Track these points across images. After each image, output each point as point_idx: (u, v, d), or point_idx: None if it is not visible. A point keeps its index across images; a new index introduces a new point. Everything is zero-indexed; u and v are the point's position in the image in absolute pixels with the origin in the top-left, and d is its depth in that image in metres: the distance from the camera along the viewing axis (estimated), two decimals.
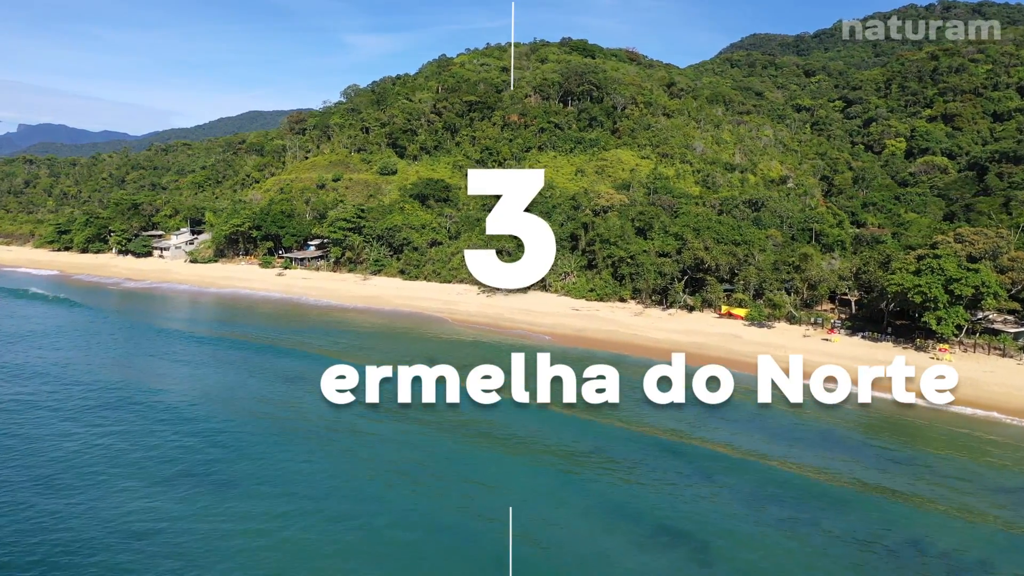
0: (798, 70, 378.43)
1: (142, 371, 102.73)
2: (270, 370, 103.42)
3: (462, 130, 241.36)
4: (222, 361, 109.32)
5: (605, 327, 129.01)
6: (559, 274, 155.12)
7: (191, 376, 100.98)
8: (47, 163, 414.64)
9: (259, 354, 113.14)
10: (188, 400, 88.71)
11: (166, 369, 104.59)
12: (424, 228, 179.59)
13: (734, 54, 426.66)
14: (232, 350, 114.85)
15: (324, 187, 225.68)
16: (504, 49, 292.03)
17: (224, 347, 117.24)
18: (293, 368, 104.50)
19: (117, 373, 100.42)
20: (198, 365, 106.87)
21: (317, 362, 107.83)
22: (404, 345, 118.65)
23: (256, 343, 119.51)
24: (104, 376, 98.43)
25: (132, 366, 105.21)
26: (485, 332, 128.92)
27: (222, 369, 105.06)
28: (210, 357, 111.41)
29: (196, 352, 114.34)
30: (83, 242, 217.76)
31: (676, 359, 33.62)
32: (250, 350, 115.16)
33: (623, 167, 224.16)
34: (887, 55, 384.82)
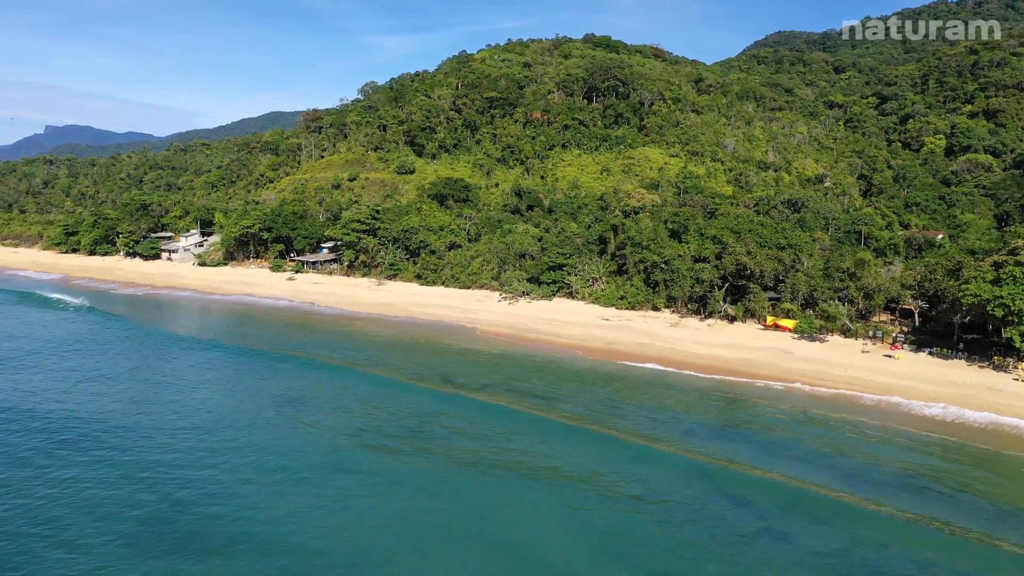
0: (827, 67, 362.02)
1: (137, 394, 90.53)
2: (265, 394, 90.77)
3: (483, 127, 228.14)
4: (215, 384, 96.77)
5: (639, 340, 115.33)
6: (586, 279, 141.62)
7: (179, 407, 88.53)
8: (67, 163, 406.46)
9: (252, 375, 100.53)
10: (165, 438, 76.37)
11: (155, 393, 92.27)
12: (442, 230, 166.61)
13: (760, 51, 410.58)
14: (227, 367, 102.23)
15: (339, 187, 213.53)
16: (526, 45, 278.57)
17: (219, 365, 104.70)
18: (293, 392, 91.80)
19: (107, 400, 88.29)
20: (188, 389, 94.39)
21: (321, 386, 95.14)
22: (419, 360, 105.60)
23: (251, 359, 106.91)
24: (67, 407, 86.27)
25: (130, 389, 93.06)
26: (508, 344, 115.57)
27: (215, 393, 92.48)
28: (202, 377, 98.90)
29: (186, 374, 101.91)
30: (90, 244, 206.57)
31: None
32: (244, 368, 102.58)
33: (651, 166, 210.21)
34: (917, 51, 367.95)
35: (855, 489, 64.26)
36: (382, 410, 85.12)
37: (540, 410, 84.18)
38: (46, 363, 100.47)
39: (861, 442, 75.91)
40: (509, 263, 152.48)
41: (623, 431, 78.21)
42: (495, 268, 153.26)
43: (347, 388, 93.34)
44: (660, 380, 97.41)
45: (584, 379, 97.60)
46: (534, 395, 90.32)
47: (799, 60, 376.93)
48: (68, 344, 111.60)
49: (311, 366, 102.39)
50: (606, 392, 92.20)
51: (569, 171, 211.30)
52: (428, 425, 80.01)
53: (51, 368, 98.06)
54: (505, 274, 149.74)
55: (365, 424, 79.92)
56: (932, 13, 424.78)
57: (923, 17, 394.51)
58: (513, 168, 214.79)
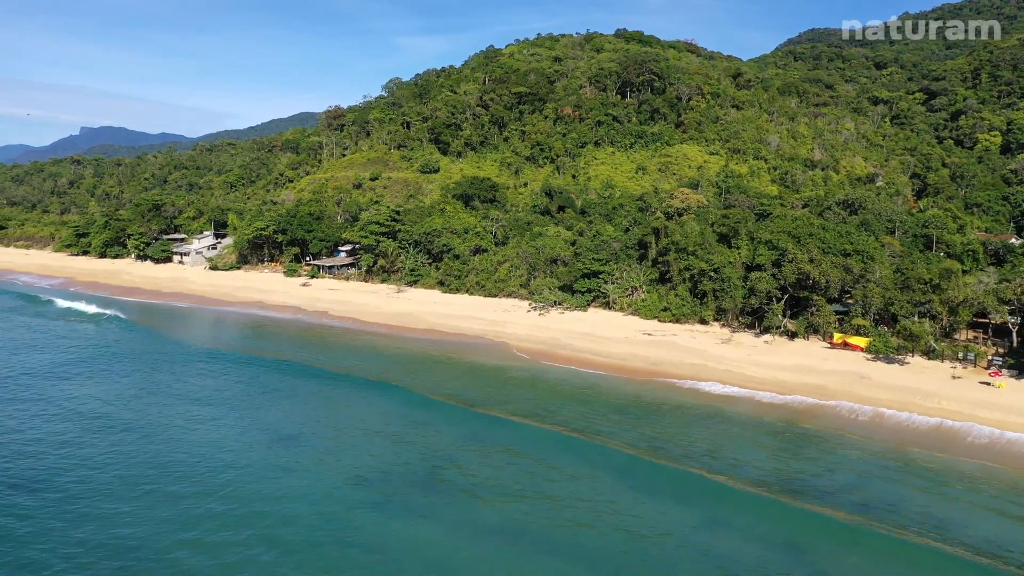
0: (867, 62, 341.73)
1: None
2: (255, 428, 75.97)
3: (510, 124, 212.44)
4: (195, 414, 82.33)
5: (688, 359, 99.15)
6: (624, 288, 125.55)
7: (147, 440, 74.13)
8: (93, 163, 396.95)
9: (244, 401, 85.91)
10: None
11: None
12: (467, 233, 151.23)
13: (796, 47, 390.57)
14: (216, 392, 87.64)
15: (361, 186, 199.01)
16: (556, 39, 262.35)
17: (205, 389, 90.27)
18: (289, 426, 76.98)
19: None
20: (161, 425, 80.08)
21: (320, 417, 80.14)
22: (437, 383, 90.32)
23: (245, 380, 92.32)
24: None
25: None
26: (540, 363, 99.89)
27: (192, 426, 77.95)
28: (182, 409, 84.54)
29: (165, 403, 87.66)
30: (101, 246, 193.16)
31: None
32: (235, 393, 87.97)
33: (689, 164, 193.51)
34: (960, 47, 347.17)
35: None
36: (391, 448, 70.06)
37: (584, 453, 68.77)
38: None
39: (995, 498, 59.52)
40: (539, 269, 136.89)
41: (696, 478, 62.48)
42: (524, 275, 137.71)
43: (352, 419, 78.41)
44: (718, 410, 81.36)
45: (629, 408, 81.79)
46: (573, 428, 74.88)
47: (837, 56, 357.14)
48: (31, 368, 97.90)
49: (313, 394, 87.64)
50: (657, 425, 76.37)
51: (602, 170, 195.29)
52: (446, 471, 64.79)
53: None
54: (535, 281, 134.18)
55: (370, 469, 64.81)
56: (974, 8, 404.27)
57: (962, 16, 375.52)
58: (543, 167, 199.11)
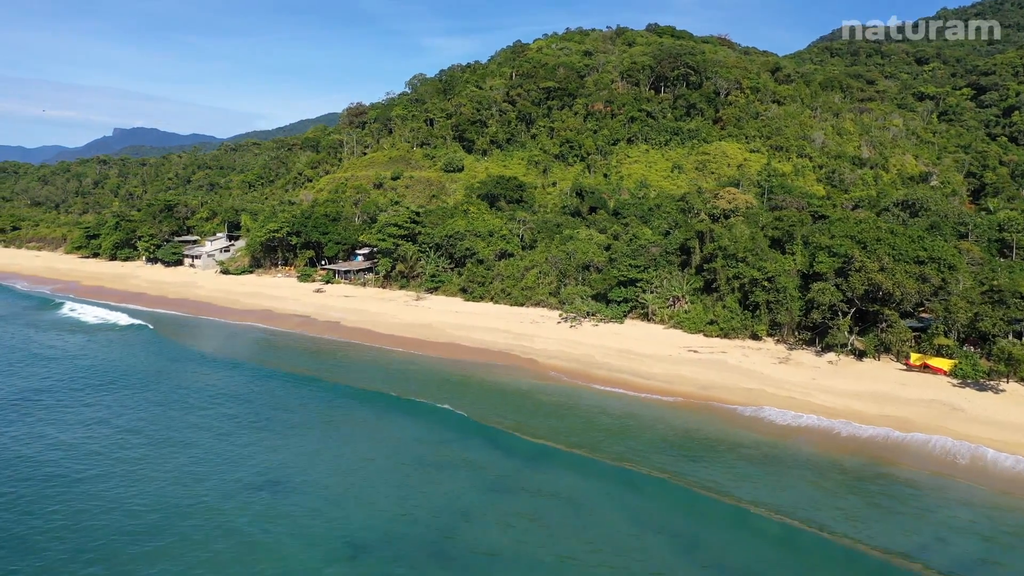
0: (908, 57, 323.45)
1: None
2: (235, 469, 63.10)
3: (539, 120, 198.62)
4: (171, 454, 69.85)
5: (743, 383, 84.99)
6: (665, 298, 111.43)
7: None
8: (119, 163, 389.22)
9: (228, 436, 73.23)
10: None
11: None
12: (492, 236, 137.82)
13: (833, 43, 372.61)
14: (196, 427, 74.94)
15: (382, 186, 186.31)
16: (586, 33, 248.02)
17: (184, 423, 77.78)
18: (275, 467, 64.06)
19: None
20: (128, 470, 67.71)
21: (313, 457, 66.97)
22: (454, 411, 77.11)
23: (230, 414, 79.65)
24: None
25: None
26: (573, 386, 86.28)
27: (164, 469, 65.40)
28: (161, 450, 72.10)
29: (140, 440, 75.36)
30: (111, 248, 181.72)
31: None
32: (223, 424, 75.28)
33: (728, 162, 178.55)
34: (1003, 42, 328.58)
35: None
36: (396, 494, 56.88)
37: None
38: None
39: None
40: (570, 276, 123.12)
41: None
42: (553, 282, 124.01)
43: (353, 452, 65.37)
44: (785, 447, 67.25)
45: (678, 443, 67.94)
46: (614, 475, 61.29)
47: (876, 51, 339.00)
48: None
49: (310, 421, 74.76)
50: (715, 466, 62.61)
51: (635, 168, 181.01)
52: (463, 530, 51.60)
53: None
54: (565, 289, 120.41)
55: (369, 527, 51.76)
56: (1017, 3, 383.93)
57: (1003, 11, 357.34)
58: (572, 165, 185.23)
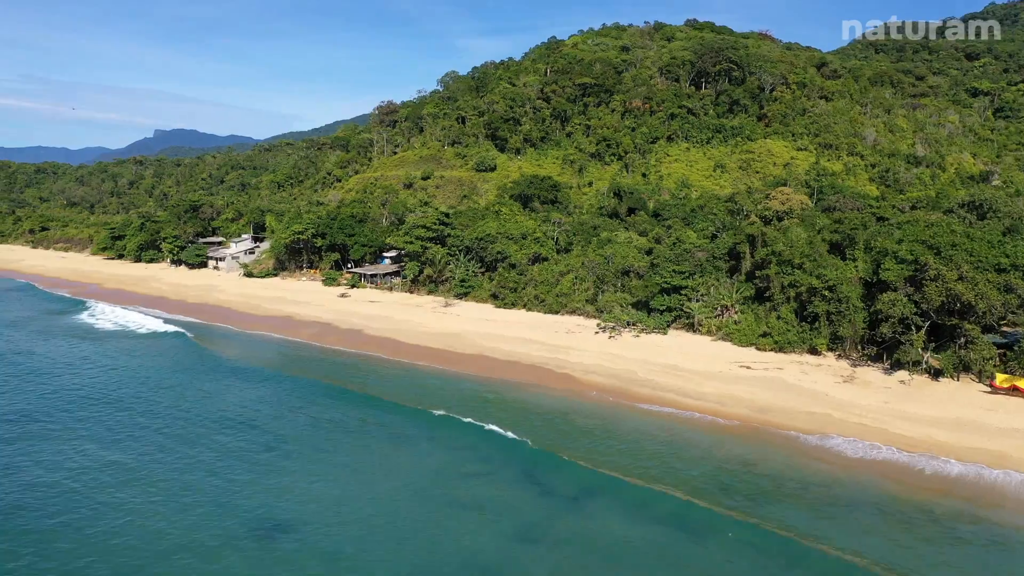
0: (957, 53, 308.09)
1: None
2: (230, 514, 54.74)
3: (574, 118, 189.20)
4: (147, 491, 61.95)
5: (804, 405, 74.94)
6: (712, 307, 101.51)
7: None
8: (155, 163, 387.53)
9: (222, 471, 65.09)
10: None
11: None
12: (525, 238, 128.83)
13: (878, 39, 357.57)
14: (183, 460, 66.93)
15: (412, 186, 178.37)
16: (623, 28, 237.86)
17: (172, 457, 69.86)
18: (276, 511, 55.63)
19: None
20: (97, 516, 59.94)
21: (320, 498, 58.27)
22: (482, 434, 68.25)
23: (229, 446, 71.54)
24: None
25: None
26: (614, 406, 76.92)
27: (138, 515, 57.42)
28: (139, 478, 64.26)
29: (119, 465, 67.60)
30: (135, 249, 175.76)
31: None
32: (217, 460, 67.19)
33: (774, 160, 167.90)
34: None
35: None
36: (413, 543, 47.98)
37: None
38: None
39: None
40: (608, 282, 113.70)
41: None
42: (590, 288, 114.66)
43: (364, 484, 56.70)
44: (864, 489, 57.27)
45: (737, 478, 58.34)
46: (668, 519, 51.93)
47: (923, 47, 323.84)
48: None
49: (314, 456, 66.37)
50: (785, 509, 52.87)
51: (676, 167, 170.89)
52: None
53: None
54: (604, 296, 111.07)
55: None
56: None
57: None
58: (609, 164, 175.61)
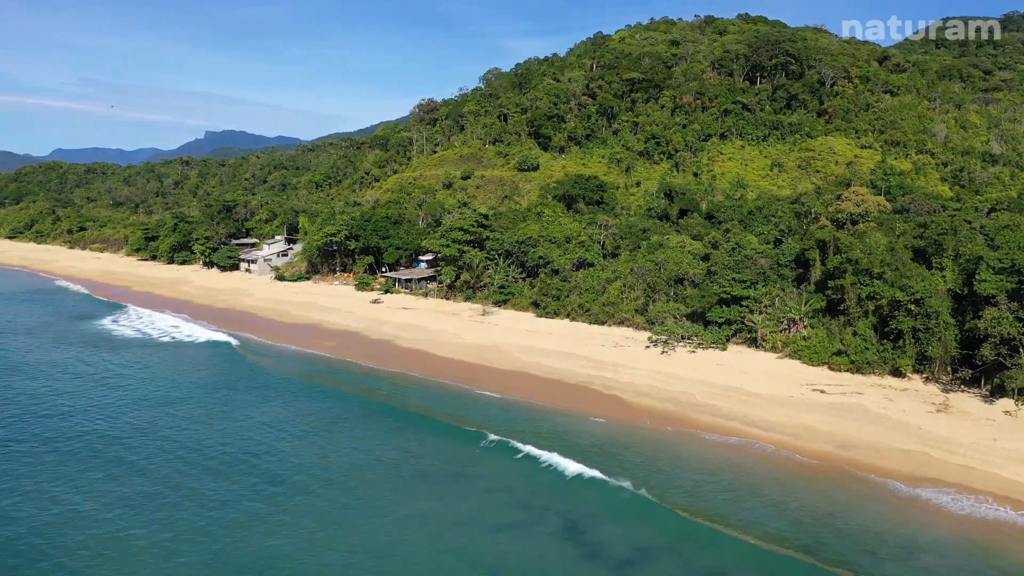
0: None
1: None
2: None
3: (621, 115, 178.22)
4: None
5: (894, 439, 63.51)
6: (778, 321, 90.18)
7: None
8: (200, 164, 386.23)
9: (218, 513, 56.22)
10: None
11: None
12: (569, 242, 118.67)
13: (939, 33, 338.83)
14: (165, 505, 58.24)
15: (451, 186, 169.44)
16: (672, 23, 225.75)
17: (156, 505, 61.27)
18: (263, 558, 46.42)
19: None
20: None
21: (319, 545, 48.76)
22: (517, 470, 58.48)
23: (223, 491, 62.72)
24: None
25: None
26: (671, 437, 66.40)
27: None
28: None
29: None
30: (168, 251, 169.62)
31: None
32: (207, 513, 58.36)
33: (836, 159, 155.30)
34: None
35: None
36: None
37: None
38: None
39: None
40: (660, 291, 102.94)
41: None
42: (640, 297, 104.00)
43: (378, 529, 47.20)
44: (982, 560, 46.16)
45: (829, 534, 47.53)
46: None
47: (988, 41, 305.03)
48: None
49: (316, 491, 57.14)
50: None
51: (729, 166, 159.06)
52: None
53: None
54: (655, 306, 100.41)
55: None
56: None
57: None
58: (658, 163, 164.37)
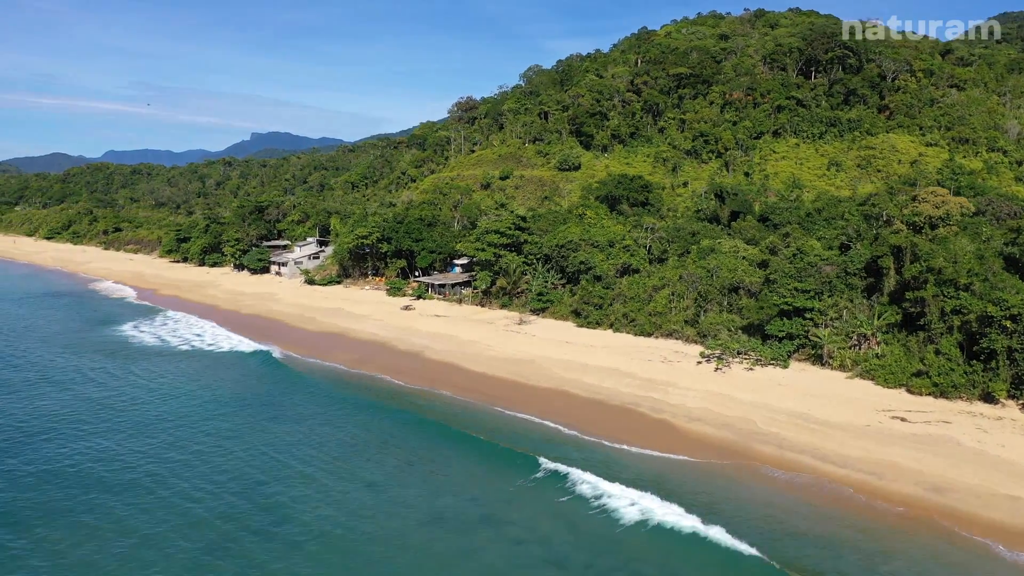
0: None
1: None
2: None
3: (667, 111, 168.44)
4: None
5: (996, 483, 53.38)
6: (846, 336, 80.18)
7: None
8: (242, 165, 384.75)
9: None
10: None
11: None
12: (613, 246, 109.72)
13: (1003, 26, 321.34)
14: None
15: (489, 186, 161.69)
16: (721, 17, 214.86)
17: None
18: None
19: None
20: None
21: None
22: (549, 519, 50.09)
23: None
24: None
25: None
26: (731, 473, 57.31)
27: None
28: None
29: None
30: (199, 253, 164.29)
31: None
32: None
33: (899, 157, 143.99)
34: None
35: None
36: None
37: None
38: None
39: None
40: (712, 300, 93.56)
41: None
42: (690, 307, 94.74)
43: None
44: None
45: None
46: None
47: None
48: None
49: (306, 545, 49.23)
50: None
51: (783, 166, 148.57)
52: None
53: None
54: (706, 317, 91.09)
55: None
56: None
57: None
58: (707, 162, 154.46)
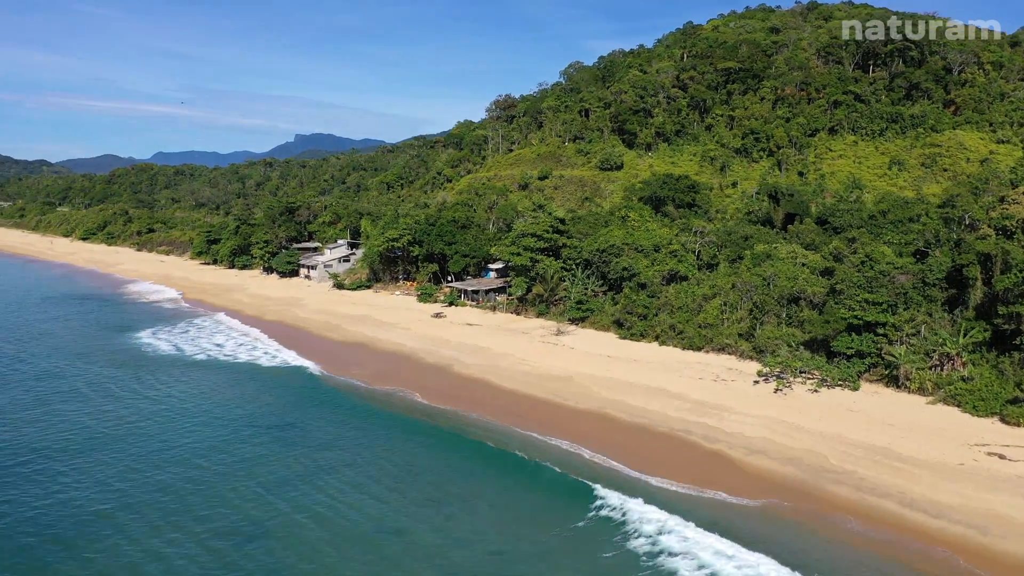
0: None
1: None
2: None
3: (715, 108, 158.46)
4: None
5: None
6: (924, 354, 70.36)
7: None
8: (282, 166, 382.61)
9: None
10: None
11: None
12: (658, 251, 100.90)
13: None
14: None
15: (528, 186, 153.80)
16: (771, 10, 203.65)
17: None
18: None
19: None
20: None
21: None
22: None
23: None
24: None
25: None
26: (798, 521, 48.42)
27: None
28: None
29: None
30: (228, 255, 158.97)
31: None
32: None
33: (967, 155, 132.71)
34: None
35: None
36: None
37: None
38: None
39: None
40: (770, 312, 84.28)
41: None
42: (745, 319, 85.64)
43: None
44: None
45: None
46: None
47: None
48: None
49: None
50: None
51: (840, 164, 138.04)
52: None
53: None
54: (762, 330, 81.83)
55: None
56: None
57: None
58: (758, 161, 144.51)
